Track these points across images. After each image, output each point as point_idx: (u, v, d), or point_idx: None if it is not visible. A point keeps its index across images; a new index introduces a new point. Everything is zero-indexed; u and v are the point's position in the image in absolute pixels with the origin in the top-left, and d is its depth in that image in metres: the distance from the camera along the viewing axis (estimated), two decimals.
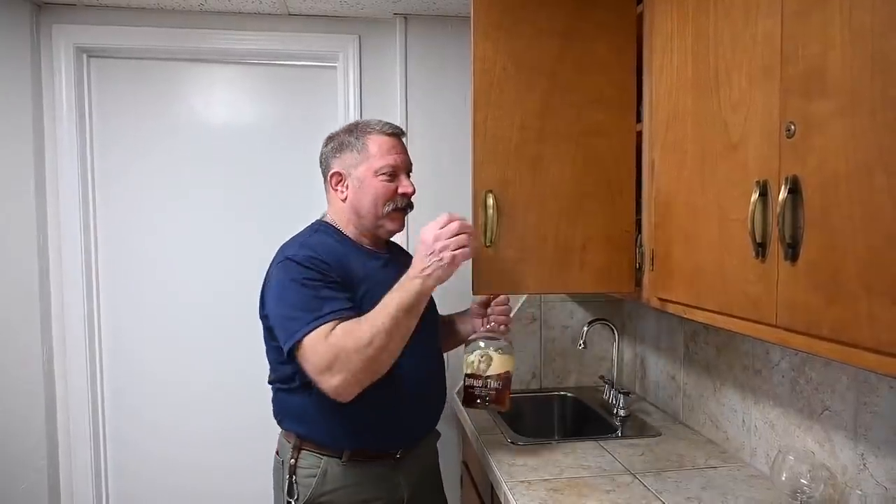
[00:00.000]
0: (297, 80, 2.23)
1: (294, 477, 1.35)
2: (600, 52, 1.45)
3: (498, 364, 1.47)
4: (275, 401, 1.43)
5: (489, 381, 1.47)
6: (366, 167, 1.38)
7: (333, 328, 1.21)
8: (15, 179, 1.99)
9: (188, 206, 2.20)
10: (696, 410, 1.81)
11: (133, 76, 2.16)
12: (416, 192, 1.45)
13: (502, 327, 1.54)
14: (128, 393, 2.20)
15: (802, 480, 1.25)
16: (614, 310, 2.30)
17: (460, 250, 1.22)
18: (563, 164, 1.45)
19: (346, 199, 1.41)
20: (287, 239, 1.42)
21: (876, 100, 0.74)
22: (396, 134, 1.43)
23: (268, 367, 1.44)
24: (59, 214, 2.10)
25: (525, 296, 2.30)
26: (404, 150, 1.44)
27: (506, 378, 1.48)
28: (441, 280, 1.23)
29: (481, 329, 1.54)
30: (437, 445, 1.60)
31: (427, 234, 1.23)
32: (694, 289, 1.18)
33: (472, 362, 1.47)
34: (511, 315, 1.60)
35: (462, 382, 1.51)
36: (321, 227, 1.44)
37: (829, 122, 0.82)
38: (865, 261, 0.77)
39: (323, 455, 1.35)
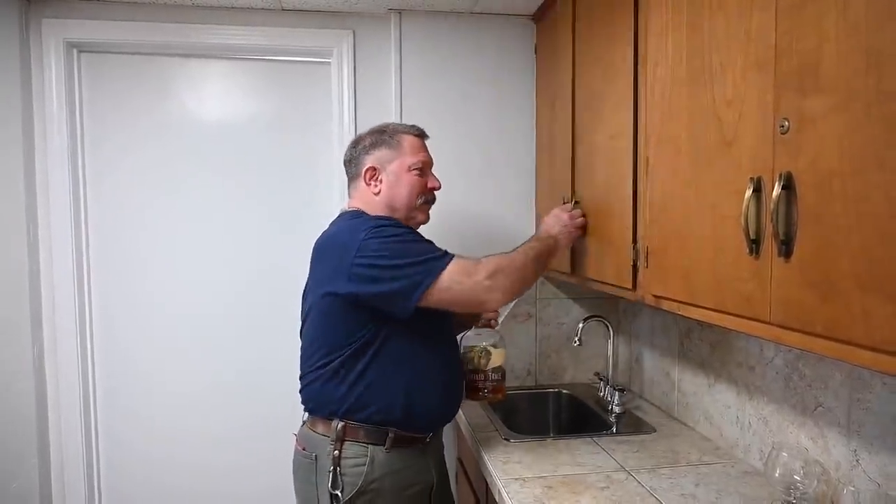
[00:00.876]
0: (291, 76, 2.22)
1: (338, 468, 1.37)
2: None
3: (495, 358, 1.64)
4: (314, 391, 1.44)
5: (489, 374, 1.63)
6: (400, 162, 1.50)
7: (468, 256, 1.39)
8: (4, 177, 1.96)
9: (181, 203, 2.19)
10: (690, 407, 1.81)
11: (124, 71, 2.14)
12: None
13: (493, 322, 1.71)
14: (120, 392, 2.19)
15: (796, 477, 1.25)
16: (609, 307, 2.30)
17: (578, 232, 1.64)
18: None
19: (379, 192, 1.50)
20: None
21: (871, 95, 0.73)
22: (423, 136, 1.58)
23: (291, 360, 1.56)
24: (50, 212, 2.07)
25: None
26: (427, 150, 1.58)
27: (502, 370, 1.66)
28: (565, 247, 1.65)
29: (475, 325, 1.70)
30: None
31: (561, 214, 1.65)
32: (688, 286, 1.18)
33: (473, 358, 1.63)
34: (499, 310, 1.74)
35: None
36: (359, 215, 1.48)
37: (824, 118, 0.81)
38: (859, 258, 0.76)
39: (368, 444, 1.39)
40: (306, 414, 1.49)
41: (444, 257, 1.36)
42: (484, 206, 2.22)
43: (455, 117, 2.20)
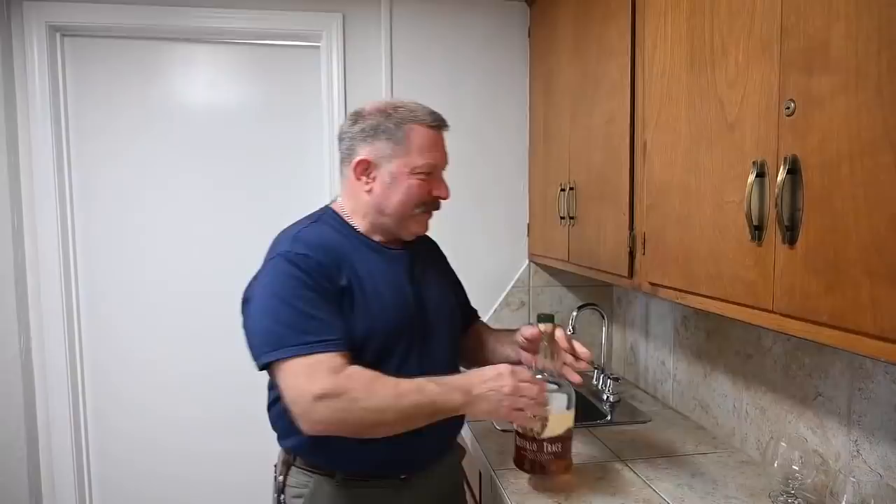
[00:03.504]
0: (280, 60, 2.16)
1: (282, 496, 1.21)
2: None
3: (557, 424, 1.19)
4: (270, 409, 1.25)
5: (545, 444, 1.20)
6: (403, 162, 1.18)
7: (341, 363, 1.05)
8: None
9: (168, 189, 2.14)
10: (686, 396, 1.80)
11: (109, 56, 2.07)
12: None
13: (576, 376, 1.21)
14: (109, 381, 2.15)
15: (794, 467, 1.23)
16: (603, 295, 2.28)
17: (520, 414, 1.11)
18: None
19: (370, 191, 1.20)
20: (283, 224, 1.25)
21: (882, 74, 0.70)
22: (441, 127, 1.22)
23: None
24: (34, 200, 2.02)
25: (512, 282, 2.27)
26: (444, 146, 1.24)
27: (566, 438, 1.22)
28: (480, 416, 1.12)
29: (534, 365, 1.22)
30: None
31: (510, 377, 1.09)
32: (687, 273, 1.15)
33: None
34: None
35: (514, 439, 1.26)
36: (324, 216, 1.25)
37: (832, 99, 0.78)
38: (868, 244, 0.73)
39: (313, 473, 1.19)
40: None
41: (309, 346, 1.04)
42: (476, 194, 2.18)
43: (446, 103, 2.15)
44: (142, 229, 2.14)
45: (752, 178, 0.92)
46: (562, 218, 1.82)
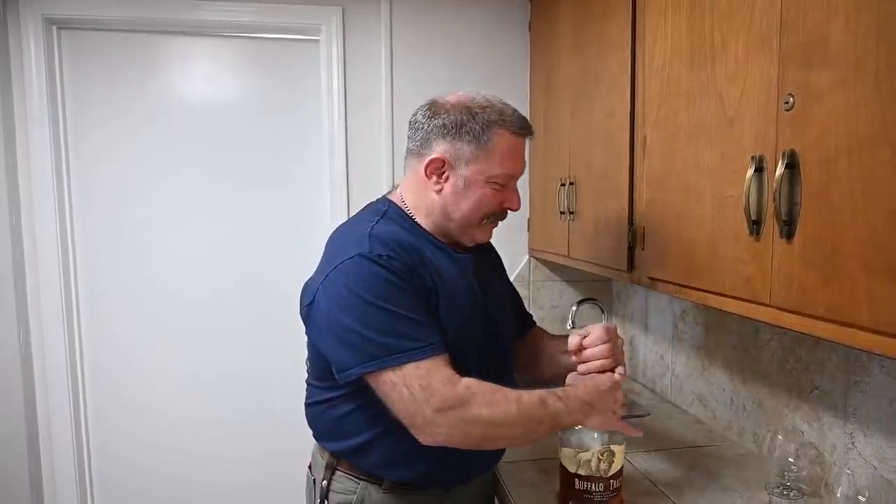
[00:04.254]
0: (279, 54, 2.15)
1: (326, 502, 1.15)
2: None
3: (620, 457, 1.15)
4: (309, 406, 1.20)
5: (611, 482, 1.14)
6: (481, 169, 1.09)
7: (451, 371, 1.00)
8: None
9: (167, 184, 2.13)
10: (684, 390, 1.81)
11: (107, 49, 2.06)
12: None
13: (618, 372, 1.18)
14: (109, 378, 2.15)
15: (790, 459, 1.24)
16: (603, 290, 2.28)
17: (625, 423, 1.14)
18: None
19: (440, 191, 1.11)
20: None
21: (881, 69, 0.70)
22: (528, 134, 1.14)
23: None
24: (33, 196, 2.01)
25: (512, 277, 2.27)
26: (524, 154, 1.17)
27: (622, 471, 1.19)
28: (592, 428, 1.12)
29: (580, 367, 1.20)
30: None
31: (618, 388, 1.12)
32: (685, 268, 1.16)
33: (589, 462, 1.13)
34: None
35: (559, 478, 1.20)
36: (388, 212, 1.14)
37: (830, 93, 0.78)
38: (865, 238, 0.74)
39: (360, 479, 1.13)
40: None
41: (418, 350, 0.98)
42: None
43: (446, 91, 2.16)
44: (141, 224, 2.13)
45: (750, 172, 0.92)
46: (562, 213, 1.82)
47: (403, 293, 1.01)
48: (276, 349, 2.18)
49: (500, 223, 1.20)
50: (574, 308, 2.01)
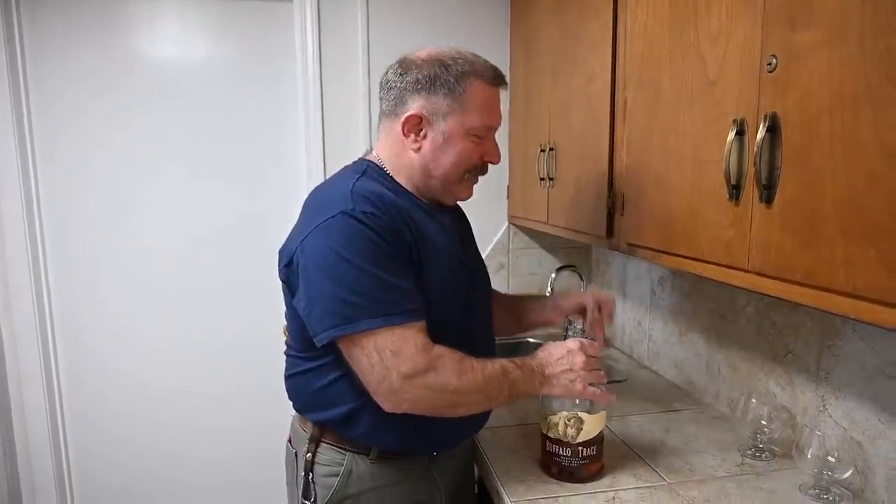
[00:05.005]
0: (250, 17, 2.07)
1: (311, 475, 1.12)
2: None
3: (591, 426, 1.14)
4: (290, 377, 1.17)
5: (580, 449, 1.14)
6: (458, 121, 1.07)
7: (425, 338, 0.99)
8: None
9: (135, 151, 2.06)
10: (661, 355, 1.83)
11: (68, 10, 1.96)
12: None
13: (598, 329, 1.27)
14: (83, 348, 2.11)
15: (763, 422, 1.27)
16: (582, 257, 2.29)
17: (593, 389, 1.09)
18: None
19: (419, 150, 1.09)
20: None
21: (866, 27, 0.69)
22: (502, 84, 1.12)
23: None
24: None
25: (491, 244, 2.26)
26: (500, 105, 1.14)
27: (599, 440, 1.16)
28: (557, 396, 1.12)
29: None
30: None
31: (580, 353, 1.09)
32: (665, 234, 1.15)
33: (557, 425, 1.14)
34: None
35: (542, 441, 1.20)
36: (368, 171, 1.10)
37: (814, 53, 0.77)
38: (844, 201, 0.73)
39: (347, 450, 1.11)
40: None
41: (394, 316, 0.96)
42: None
43: None
44: (109, 192, 2.06)
45: (731, 136, 0.91)
46: (542, 179, 1.80)
47: (386, 256, 0.98)
48: (252, 320, 2.15)
49: (478, 189, 1.18)
50: (553, 275, 2.02)
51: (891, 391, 1.07)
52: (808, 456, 1.10)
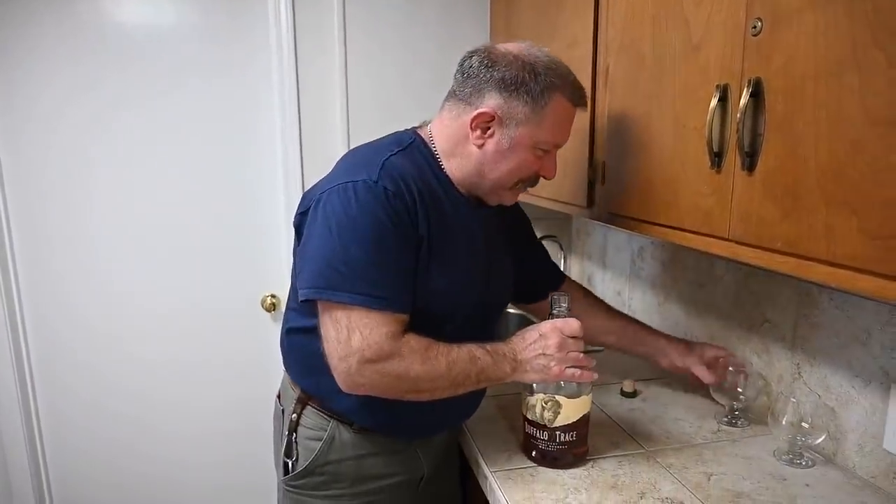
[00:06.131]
0: None
1: (294, 435, 1.13)
2: None
3: (571, 411, 1.09)
4: (289, 333, 1.17)
5: (557, 433, 1.11)
6: (530, 132, 1.03)
7: (399, 329, 0.97)
8: None
9: (110, 126, 1.95)
10: None
11: None
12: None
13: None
14: (53, 328, 2.06)
15: (739, 389, 1.28)
16: (562, 226, 2.28)
17: (572, 371, 1.05)
18: None
19: (481, 146, 1.05)
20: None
21: None
22: (584, 106, 1.09)
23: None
24: None
25: None
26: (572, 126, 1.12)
27: (582, 425, 1.12)
28: (532, 382, 1.09)
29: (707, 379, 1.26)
30: None
31: (553, 334, 1.04)
32: (645, 203, 1.14)
33: (534, 407, 1.11)
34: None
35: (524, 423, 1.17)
36: (413, 145, 1.07)
37: (800, 16, 0.75)
38: (827, 169, 0.72)
39: (331, 417, 1.12)
40: None
41: (376, 299, 0.94)
42: None
43: (405, 42, 2.04)
44: (79, 163, 1.95)
45: (714, 102, 0.89)
46: None
47: (391, 237, 0.96)
48: (230, 288, 2.11)
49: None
50: None
51: (863, 358, 1.08)
52: (783, 422, 1.12)
